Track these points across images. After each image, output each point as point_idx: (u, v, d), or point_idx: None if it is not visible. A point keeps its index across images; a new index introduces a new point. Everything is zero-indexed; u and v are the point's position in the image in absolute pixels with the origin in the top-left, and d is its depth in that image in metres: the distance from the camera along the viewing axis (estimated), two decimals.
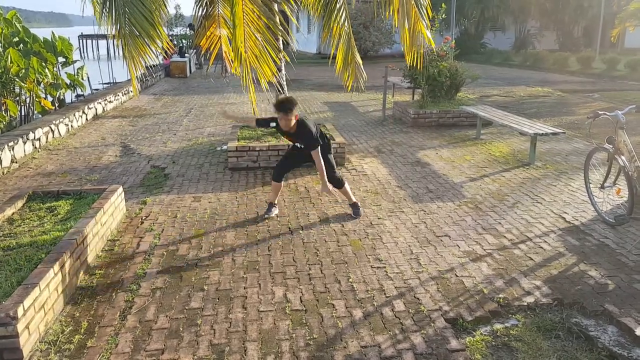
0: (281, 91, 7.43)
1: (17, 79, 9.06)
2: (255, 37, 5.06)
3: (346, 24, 5.89)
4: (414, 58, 6.37)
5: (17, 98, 9.48)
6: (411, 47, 6.33)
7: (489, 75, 18.48)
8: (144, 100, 13.27)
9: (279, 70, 7.28)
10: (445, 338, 3.15)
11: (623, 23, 15.49)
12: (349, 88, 6.17)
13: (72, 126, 9.37)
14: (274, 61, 5.39)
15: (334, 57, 5.94)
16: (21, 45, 10.33)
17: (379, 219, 5.07)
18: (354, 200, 5.21)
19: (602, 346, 3.08)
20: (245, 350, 3.05)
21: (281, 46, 7.07)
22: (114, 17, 4.88)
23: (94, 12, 4.98)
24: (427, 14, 6.45)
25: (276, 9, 6.10)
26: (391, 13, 6.06)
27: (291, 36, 6.45)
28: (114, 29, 4.91)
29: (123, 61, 5.14)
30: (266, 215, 5.12)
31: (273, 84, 6.36)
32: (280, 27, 5.78)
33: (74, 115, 9.57)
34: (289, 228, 4.84)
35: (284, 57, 6.85)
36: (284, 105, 4.73)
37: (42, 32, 12.20)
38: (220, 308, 3.49)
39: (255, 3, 5.17)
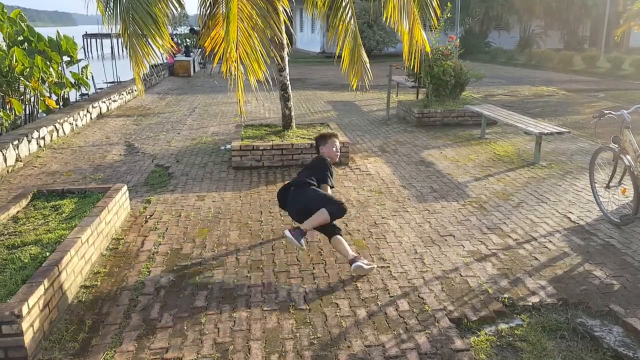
0: (285, 91, 7.42)
1: (22, 78, 9.09)
2: (248, 34, 5.05)
3: (352, 21, 5.88)
4: (413, 59, 6.36)
5: (22, 97, 9.51)
6: (411, 48, 6.32)
7: (493, 74, 18.43)
8: (148, 100, 13.29)
9: (283, 70, 7.29)
10: (449, 338, 3.14)
11: (628, 22, 15.43)
12: (355, 87, 6.16)
13: (76, 125, 9.39)
14: (278, 61, 5.38)
15: (340, 56, 5.92)
16: (26, 44, 10.37)
17: (382, 218, 5.06)
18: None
19: (607, 346, 3.06)
20: (249, 349, 3.05)
21: (285, 46, 7.07)
22: (118, 16, 4.90)
23: (100, 11, 5.00)
24: (435, 11, 6.41)
25: (280, 9, 6.09)
26: (389, 14, 6.04)
27: (286, 37, 6.42)
28: (118, 28, 4.93)
29: (129, 61, 5.15)
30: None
31: (273, 83, 6.35)
32: (277, 26, 5.76)
33: (79, 114, 9.59)
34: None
35: (277, 58, 6.82)
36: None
37: (47, 31, 12.25)
38: (224, 307, 3.49)
39: (251, 0, 5.16)
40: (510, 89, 14.77)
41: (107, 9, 4.94)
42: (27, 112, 9.80)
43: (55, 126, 8.49)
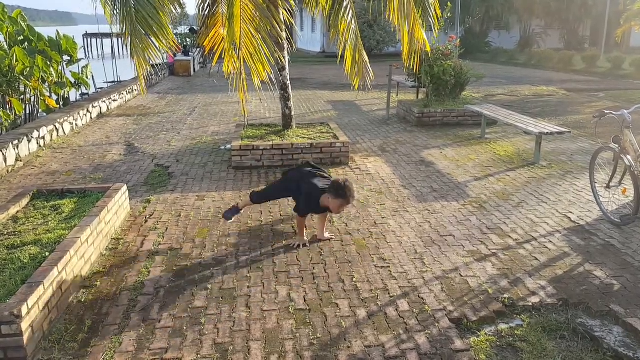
0: (285, 91, 7.41)
1: (22, 78, 9.08)
2: (252, 34, 5.05)
3: (353, 22, 5.88)
4: (413, 59, 6.36)
5: (22, 96, 9.51)
6: (410, 48, 6.32)
7: (493, 74, 18.42)
8: (148, 99, 13.29)
9: (283, 69, 7.28)
10: (449, 338, 3.13)
11: (629, 22, 15.43)
12: (357, 87, 6.16)
13: (76, 125, 9.39)
14: (281, 60, 5.37)
15: (342, 56, 5.92)
16: (26, 43, 10.37)
17: (382, 218, 5.05)
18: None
19: (607, 347, 3.06)
20: (249, 350, 3.04)
21: (285, 45, 7.07)
22: (122, 15, 4.90)
23: (105, 12, 5.00)
24: (435, 11, 6.42)
25: (282, 9, 6.09)
26: (391, 14, 6.04)
27: (289, 36, 6.42)
28: (121, 27, 4.93)
29: (131, 60, 5.15)
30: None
31: (275, 82, 6.34)
32: (279, 26, 5.75)
33: (79, 114, 9.58)
34: (293, 227, 4.83)
35: (280, 57, 6.81)
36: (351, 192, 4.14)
37: (47, 31, 12.25)
38: (223, 307, 3.49)
39: (254, 2, 5.16)
40: (511, 89, 14.76)
41: (114, 9, 4.95)
42: (27, 112, 9.80)
43: (55, 126, 8.49)
